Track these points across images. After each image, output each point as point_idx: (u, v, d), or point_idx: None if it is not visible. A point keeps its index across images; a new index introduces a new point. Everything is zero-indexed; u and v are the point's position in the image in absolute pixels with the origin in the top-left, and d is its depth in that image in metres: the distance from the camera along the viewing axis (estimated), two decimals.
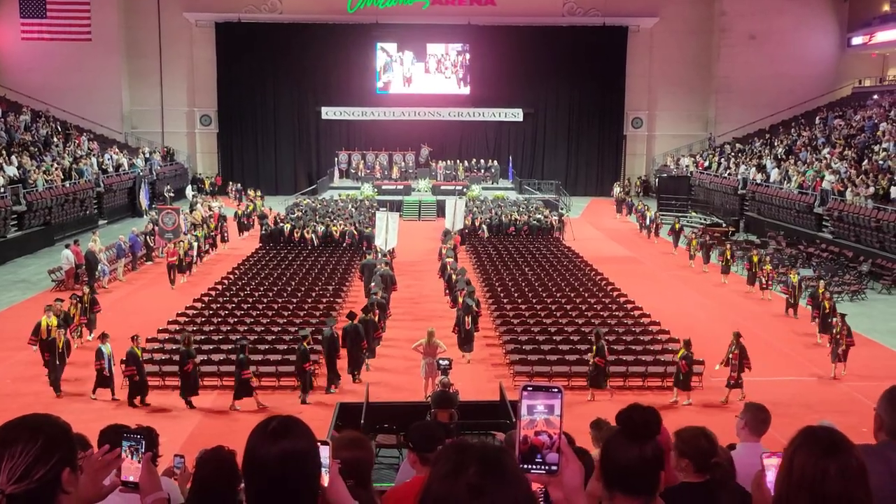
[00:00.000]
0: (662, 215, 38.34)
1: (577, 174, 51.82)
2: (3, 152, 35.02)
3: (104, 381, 16.20)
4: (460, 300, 20.21)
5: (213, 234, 32.93)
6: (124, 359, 15.99)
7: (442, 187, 45.02)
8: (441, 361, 13.86)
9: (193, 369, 15.88)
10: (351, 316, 18.05)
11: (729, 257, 28.02)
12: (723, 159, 45.89)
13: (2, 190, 31.25)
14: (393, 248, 29.07)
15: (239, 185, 46.76)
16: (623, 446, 2.47)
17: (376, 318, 19.44)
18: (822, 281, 22.87)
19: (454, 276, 23.59)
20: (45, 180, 34.62)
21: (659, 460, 2.51)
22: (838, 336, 17.89)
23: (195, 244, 29.24)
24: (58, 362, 16.49)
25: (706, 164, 46.62)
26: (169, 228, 31.23)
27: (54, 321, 16.97)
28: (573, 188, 49.45)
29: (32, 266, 29.15)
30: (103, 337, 16.53)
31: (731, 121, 50.17)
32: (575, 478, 2.02)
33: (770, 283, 25.80)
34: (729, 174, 43.24)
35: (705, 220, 40.04)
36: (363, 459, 3.77)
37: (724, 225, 38.25)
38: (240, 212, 37.29)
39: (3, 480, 2.12)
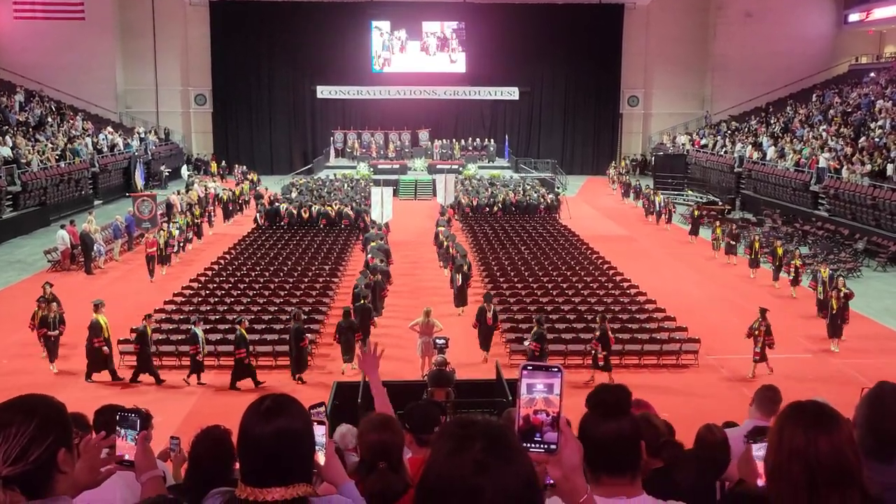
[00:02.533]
0: (660, 192, 38.13)
1: (573, 153, 51.72)
2: None
3: (197, 365, 16.07)
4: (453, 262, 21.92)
5: (198, 221, 30.94)
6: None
7: (438, 166, 44.81)
8: (438, 340, 13.85)
9: (308, 345, 16.50)
10: (373, 270, 20.48)
11: (757, 249, 25.48)
12: (719, 137, 45.82)
13: None
14: (388, 222, 29.75)
15: (244, 167, 46.55)
16: (599, 423, 2.49)
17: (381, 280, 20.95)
18: (841, 278, 19.67)
19: (445, 242, 25.28)
20: (40, 160, 34.46)
21: (637, 434, 2.53)
22: (756, 333, 16.35)
23: (176, 233, 27.20)
24: (151, 351, 16.18)
25: (702, 142, 46.55)
26: (145, 217, 30.49)
27: (104, 319, 16.41)
28: (569, 167, 49.38)
29: (28, 247, 29.07)
30: (197, 320, 16.46)
31: (728, 99, 50.03)
32: (574, 456, 2.02)
33: (800, 277, 23.26)
34: (725, 152, 43.17)
35: (701, 198, 39.99)
36: (391, 442, 3.72)
37: (720, 203, 38.24)
38: (225, 197, 35.85)
39: None
